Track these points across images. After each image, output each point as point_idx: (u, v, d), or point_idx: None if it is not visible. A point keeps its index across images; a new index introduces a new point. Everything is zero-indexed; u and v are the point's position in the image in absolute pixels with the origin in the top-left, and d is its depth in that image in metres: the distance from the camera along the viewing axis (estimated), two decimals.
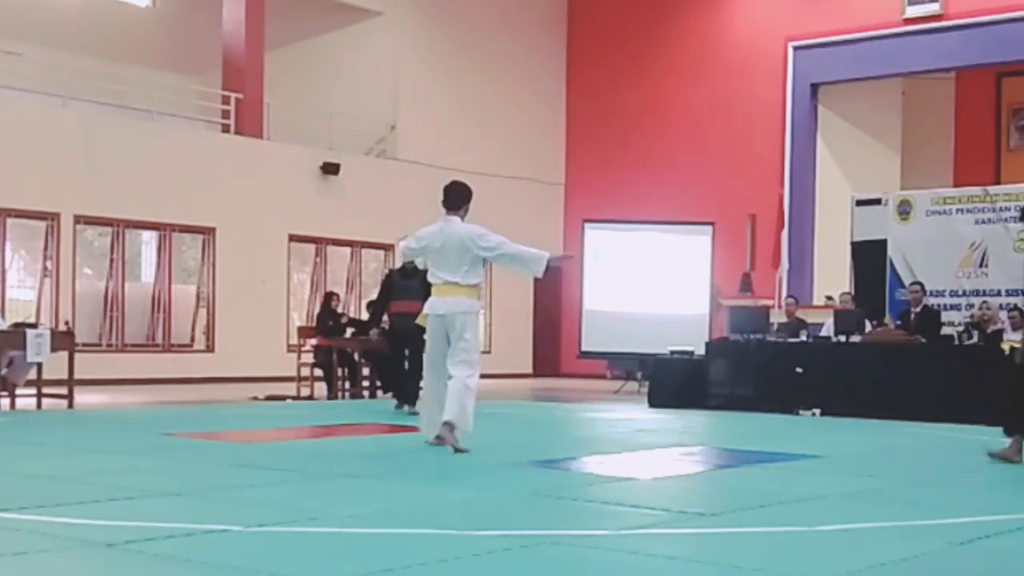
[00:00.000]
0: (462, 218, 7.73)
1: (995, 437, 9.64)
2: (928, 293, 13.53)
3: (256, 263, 18.11)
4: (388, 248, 19.47)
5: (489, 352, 21.65)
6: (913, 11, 18.87)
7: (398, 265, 12.73)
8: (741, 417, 11.36)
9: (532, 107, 22.63)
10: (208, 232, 17.84)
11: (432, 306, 7.66)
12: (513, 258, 7.71)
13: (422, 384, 8.20)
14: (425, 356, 7.85)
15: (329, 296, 14.80)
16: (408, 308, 10.53)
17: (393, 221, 19.20)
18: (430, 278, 7.79)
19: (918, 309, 13.00)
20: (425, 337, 7.84)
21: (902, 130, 21.20)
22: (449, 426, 7.41)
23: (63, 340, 11.57)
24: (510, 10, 22.34)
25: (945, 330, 12.87)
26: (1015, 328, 12.47)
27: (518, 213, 22.10)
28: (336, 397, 13.81)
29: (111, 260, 17.06)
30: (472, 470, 6.80)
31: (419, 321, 7.92)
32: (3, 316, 13.60)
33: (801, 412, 12.06)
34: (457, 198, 7.78)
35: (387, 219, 18.97)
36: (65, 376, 11.50)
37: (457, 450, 7.36)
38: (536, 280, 22.48)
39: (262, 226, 18.19)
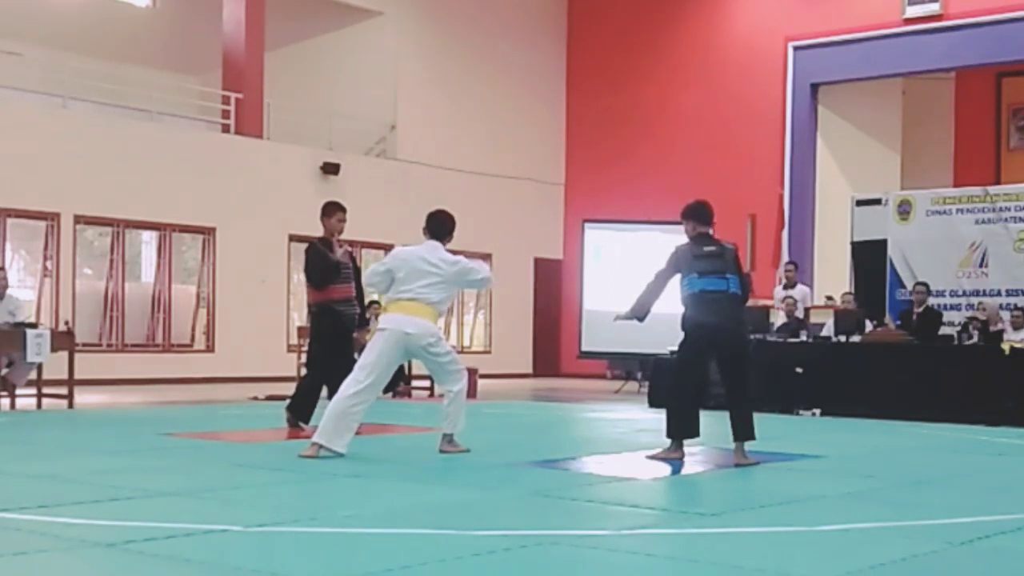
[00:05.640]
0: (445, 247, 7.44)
1: (994, 437, 9.65)
2: (929, 293, 13.52)
3: (256, 263, 18.11)
4: (388, 248, 19.45)
5: (489, 352, 21.68)
6: (913, 11, 18.88)
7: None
8: None
9: (532, 107, 22.63)
10: (208, 232, 17.84)
11: (398, 322, 7.14)
12: (482, 281, 7.64)
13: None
14: (368, 366, 7.16)
15: None
16: (350, 293, 9.04)
17: (393, 221, 19.22)
18: (394, 293, 7.23)
19: (920, 309, 13.01)
20: (374, 347, 7.19)
21: (902, 130, 21.20)
22: (449, 437, 7.48)
23: (63, 340, 11.56)
24: (510, 10, 22.34)
25: (945, 330, 12.88)
26: (1016, 328, 12.48)
27: (518, 213, 22.14)
28: None
29: (111, 260, 17.06)
30: (472, 470, 6.80)
31: (372, 332, 7.34)
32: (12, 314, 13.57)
33: (801, 412, 12.06)
34: (440, 227, 7.49)
35: (387, 219, 18.99)
36: (65, 376, 11.50)
37: (461, 451, 7.43)
38: (536, 280, 22.64)
39: (262, 226, 18.20)
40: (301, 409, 9.15)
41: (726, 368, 7.39)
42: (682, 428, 7.37)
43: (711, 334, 7.28)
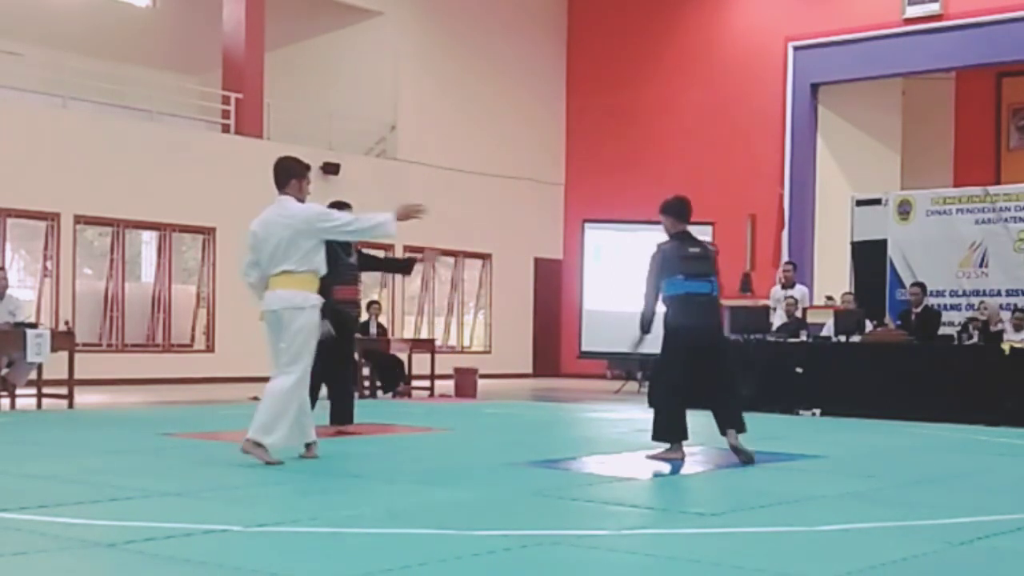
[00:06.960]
0: (300, 199, 6.95)
1: (994, 437, 9.65)
2: (928, 293, 13.53)
3: None
4: (388, 248, 19.47)
5: (489, 352, 21.67)
6: (913, 11, 18.88)
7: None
8: None
9: (532, 107, 22.64)
10: (208, 232, 17.84)
11: (268, 301, 6.85)
12: (366, 230, 6.88)
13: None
14: (271, 356, 7.05)
15: None
16: (354, 295, 9.02)
17: None
18: (268, 268, 6.83)
19: (919, 309, 13.02)
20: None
21: (902, 130, 21.21)
22: (252, 442, 6.65)
23: (63, 340, 11.56)
24: (510, 10, 22.34)
25: (945, 330, 12.88)
26: (1017, 328, 12.47)
27: (518, 213, 22.14)
28: None
29: (111, 260, 17.06)
30: (472, 470, 6.80)
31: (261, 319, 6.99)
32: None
33: (801, 412, 12.06)
34: (284, 175, 7.01)
35: None
36: (65, 376, 11.50)
37: (268, 463, 6.60)
38: (536, 280, 22.64)
39: None
40: None
41: (711, 367, 7.39)
42: (671, 430, 7.38)
43: (695, 335, 7.33)
